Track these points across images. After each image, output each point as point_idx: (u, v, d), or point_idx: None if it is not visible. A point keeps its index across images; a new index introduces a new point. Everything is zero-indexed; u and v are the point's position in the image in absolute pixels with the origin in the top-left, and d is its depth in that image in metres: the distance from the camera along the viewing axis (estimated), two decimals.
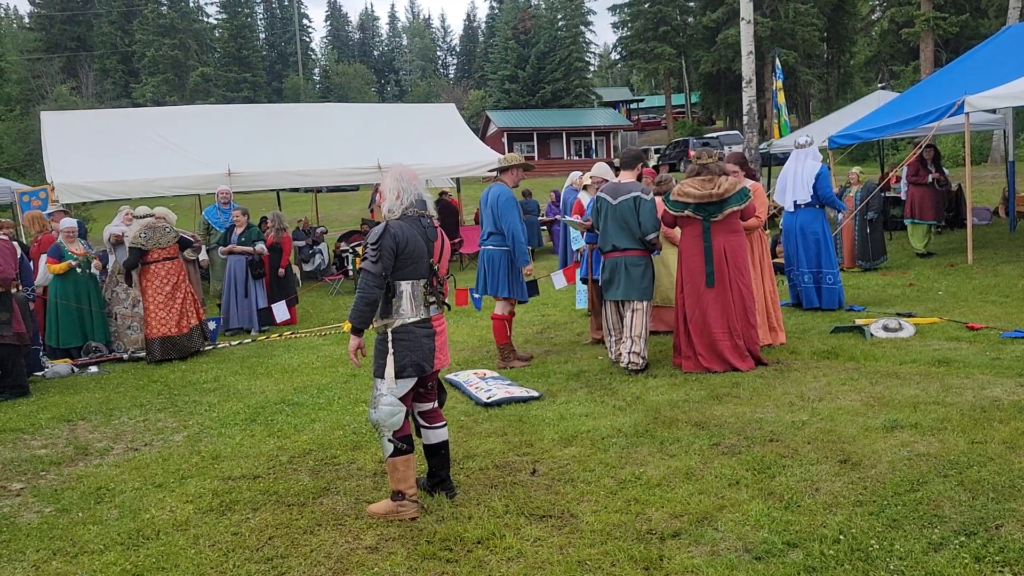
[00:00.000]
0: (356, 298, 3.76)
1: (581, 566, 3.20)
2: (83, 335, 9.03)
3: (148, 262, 8.70)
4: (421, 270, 3.87)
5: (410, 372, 3.82)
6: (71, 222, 9.31)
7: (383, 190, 3.97)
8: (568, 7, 55.93)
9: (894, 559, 3.01)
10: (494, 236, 6.99)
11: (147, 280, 8.72)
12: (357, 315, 3.77)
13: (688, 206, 6.11)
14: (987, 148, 25.97)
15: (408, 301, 3.82)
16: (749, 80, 16.17)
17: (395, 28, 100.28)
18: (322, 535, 3.70)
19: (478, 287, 7.21)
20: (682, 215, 6.18)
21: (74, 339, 8.96)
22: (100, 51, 61.72)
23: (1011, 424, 4.26)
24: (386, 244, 3.75)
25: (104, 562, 3.57)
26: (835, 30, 44.35)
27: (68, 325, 8.91)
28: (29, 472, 5.00)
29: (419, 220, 3.90)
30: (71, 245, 9.08)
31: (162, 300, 8.65)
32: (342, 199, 33.89)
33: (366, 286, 3.74)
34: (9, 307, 7.11)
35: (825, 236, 8.19)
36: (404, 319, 3.81)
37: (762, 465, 4.04)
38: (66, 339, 8.91)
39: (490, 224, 7.02)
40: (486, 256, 7.06)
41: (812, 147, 8.36)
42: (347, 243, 15.36)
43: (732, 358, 6.06)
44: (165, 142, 13.26)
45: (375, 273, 3.74)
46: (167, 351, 8.59)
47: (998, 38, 13.08)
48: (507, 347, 7.11)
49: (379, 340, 3.84)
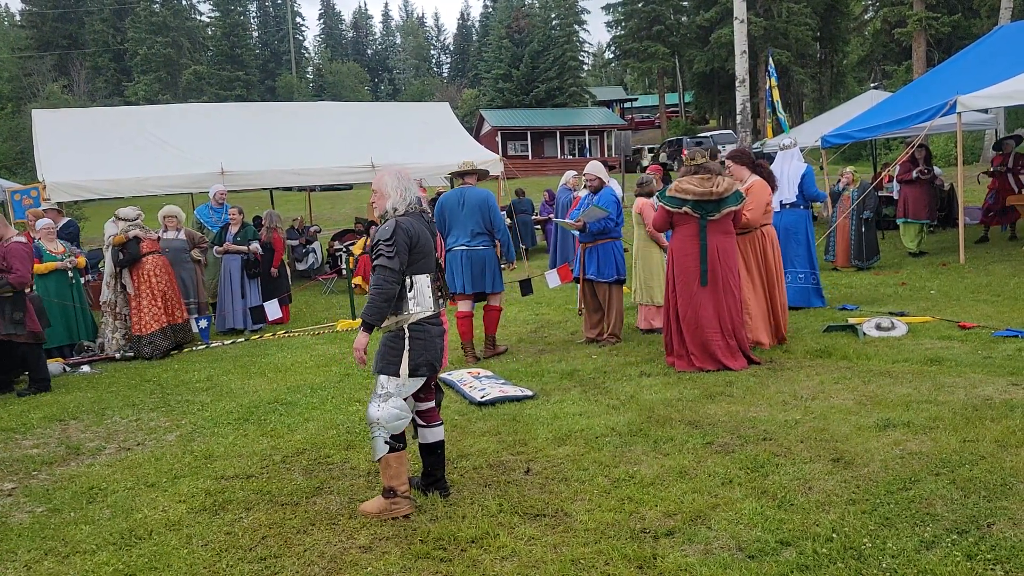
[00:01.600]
0: (372, 294, 3.72)
1: (575, 565, 3.20)
2: (68, 334, 9.04)
3: (141, 255, 8.80)
4: (431, 264, 3.90)
5: (423, 371, 3.83)
6: (47, 221, 9.34)
7: (383, 188, 3.94)
8: (562, 6, 55.97)
9: (886, 557, 3.02)
10: (482, 236, 7.18)
11: (139, 275, 8.77)
12: (374, 311, 3.72)
13: (686, 202, 6.07)
14: (979, 148, 26.06)
15: (423, 295, 3.83)
16: (742, 79, 16.22)
17: (389, 27, 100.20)
18: (315, 534, 3.69)
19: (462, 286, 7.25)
20: (679, 211, 6.12)
21: (60, 338, 8.94)
22: (92, 49, 61.44)
23: (1002, 423, 4.28)
24: (400, 239, 3.75)
25: (96, 562, 3.55)
26: (828, 30, 44.52)
27: (53, 324, 8.86)
28: (20, 472, 4.97)
29: (421, 216, 3.93)
30: (49, 244, 9.06)
31: (156, 292, 8.79)
32: (336, 198, 33.85)
33: (384, 282, 3.71)
34: (23, 307, 7.14)
35: (808, 236, 8.34)
36: (419, 314, 3.82)
37: (755, 464, 4.05)
38: (52, 338, 8.87)
39: (476, 225, 7.16)
40: (476, 257, 7.17)
41: (795, 148, 8.64)
42: (340, 242, 15.35)
43: (724, 357, 6.06)
44: (158, 140, 13.20)
45: (393, 268, 3.72)
46: (168, 338, 8.78)
47: (990, 38, 13.15)
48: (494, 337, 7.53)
49: (392, 337, 3.82)
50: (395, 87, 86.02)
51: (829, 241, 11.45)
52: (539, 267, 12.82)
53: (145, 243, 8.82)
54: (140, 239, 8.78)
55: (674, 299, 6.28)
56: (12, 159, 36.24)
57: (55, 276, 8.97)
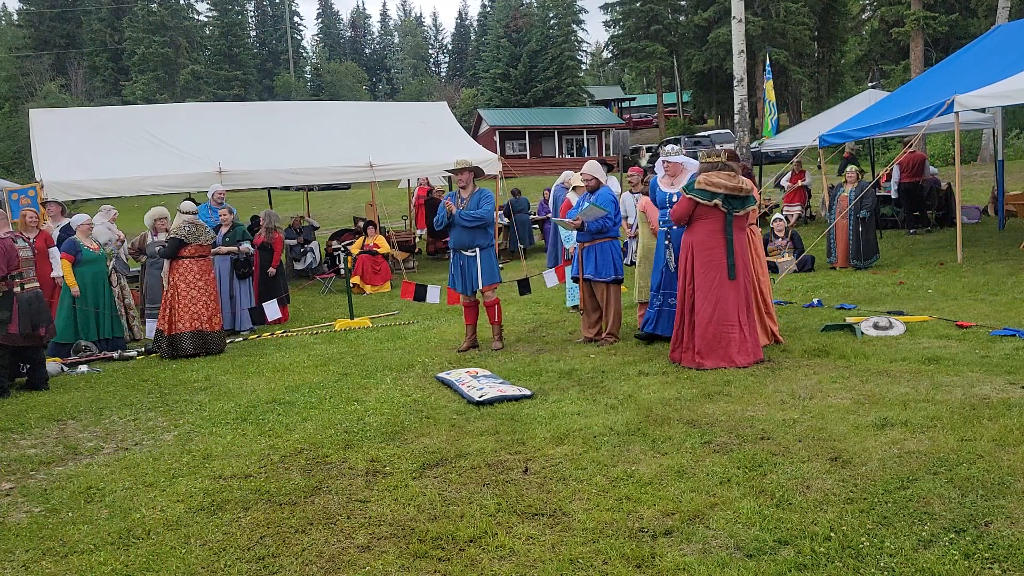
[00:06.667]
0: None
1: (573, 564, 3.20)
2: (98, 330, 9.12)
3: (182, 256, 8.69)
4: None
5: None
6: (84, 217, 9.39)
7: None
8: (560, 6, 55.93)
9: (884, 556, 3.02)
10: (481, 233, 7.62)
11: (179, 274, 8.69)
12: None
13: (717, 195, 6.12)
14: (976, 147, 26.10)
15: None
16: (740, 79, 16.22)
17: (387, 26, 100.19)
18: (313, 534, 3.69)
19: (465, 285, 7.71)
20: (709, 204, 6.15)
21: (91, 334, 9.06)
22: (90, 48, 61.38)
23: (1000, 422, 4.28)
24: None
25: (94, 562, 3.55)
26: (826, 29, 44.56)
27: (82, 319, 9.02)
28: (18, 472, 4.96)
29: None
30: (86, 240, 9.07)
31: (195, 295, 8.66)
32: (334, 197, 33.85)
33: None
34: (9, 306, 7.08)
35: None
36: None
37: (753, 463, 4.05)
38: (83, 334, 9.03)
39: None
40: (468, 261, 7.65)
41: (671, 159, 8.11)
42: (339, 241, 15.33)
43: (736, 353, 6.09)
44: (155, 140, 13.16)
45: None
46: (197, 346, 8.61)
47: (987, 37, 13.16)
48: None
49: None
50: (393, 86, 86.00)
51: (829, 242, 11.45)
52: (537, 266, 12.82)
53: (191, 247, 8.74)
54: (185, 241, 8.70)
55: (690, 292, 6.29)
56: (9, 158, 36.23)
57: (92, 270, 9.01)
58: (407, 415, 5.53)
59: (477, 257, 7.59)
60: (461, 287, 7.75)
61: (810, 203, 17.21)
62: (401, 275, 13.82)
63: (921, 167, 14.40)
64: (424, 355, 7.62)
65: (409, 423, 5.33)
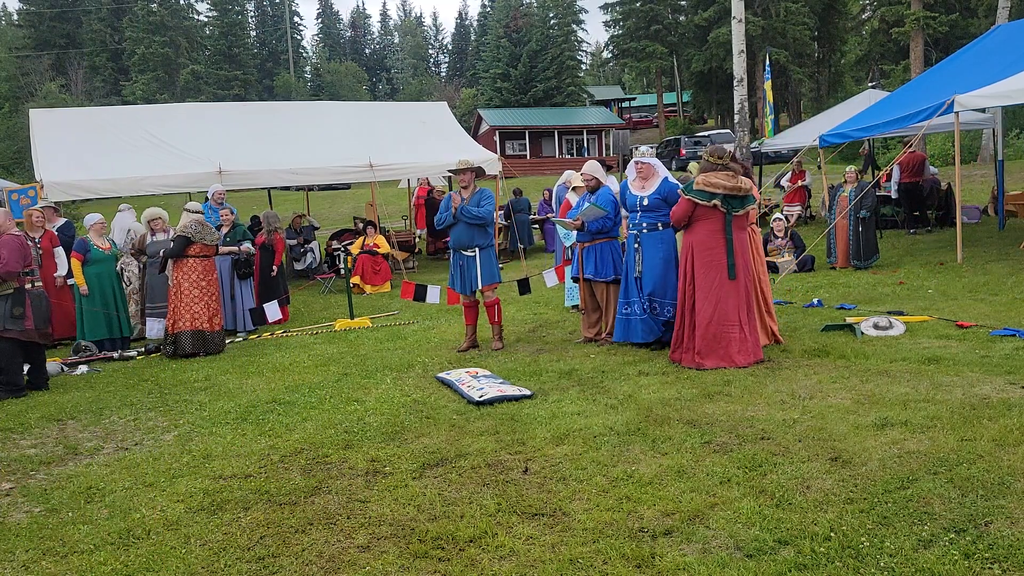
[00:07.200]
0: None
1: (573, 564, 3.20)
2: (108, 328, 9.18)
3: (187, 255, 8.68)
4: None
5: None
6: (97, 216, 9.43)
7: None
8: (560, 5, 55.94)
9: (884, 556, 3.02)
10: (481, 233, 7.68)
11: (182, 273, 8.67)
12: None
13: (716, 196, 6.13)
14: (976, 147, 26.11)
15: None
16: (740, 79, 16.21)
17: (387, 26, 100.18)
18: (313, 534, 3.69)
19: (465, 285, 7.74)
20: (708, 205, 6.16)
21: (99, 332, 9.12)
22: (89, 48, 61.38)
23: (1000, 422, 4.28)
24: None
25: (94, 562, 3.55)
26: (826, 29, 44.57)
27: (94, 318, 9.10)
28: (18, 472, 4.96)
29: None
30: (98, 240, 9.06)
31: (197, 294, 8.65)
32: (334, 197, 33.84)
33: None
34: (22, 302, 7.11)
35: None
36: None
37: (753, 463, 4.05)
38: (91, 332, 9.09)
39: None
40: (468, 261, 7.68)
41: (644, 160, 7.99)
42: (339, 241, 15.33)
43: (735, 352, 6.09)
44: (155, 140, 13.16)
45: None
46: (196, 345, 8.59)
47: (987, 37, 13.16)
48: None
49: None
50: (393, 86, 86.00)
51: (829, 242, 11.46)
52: (537, 266, 12.82)
53: (197, 246, 8.73)
54: (192, 239, 8.67)
55: (690, 292, 6.29)
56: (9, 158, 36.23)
57: (100, 269, 9.05)
58: (407, 415, 5.53)
59: (477, 257, 7.60)
60: (461, 287, 7.75)
61: (810, 203, 17.22)
62: (401, 275, 13.81)
63: (921, 167, 14.41)
64: (424, 355, 7.62)
65: (409, 423, 5.33)
